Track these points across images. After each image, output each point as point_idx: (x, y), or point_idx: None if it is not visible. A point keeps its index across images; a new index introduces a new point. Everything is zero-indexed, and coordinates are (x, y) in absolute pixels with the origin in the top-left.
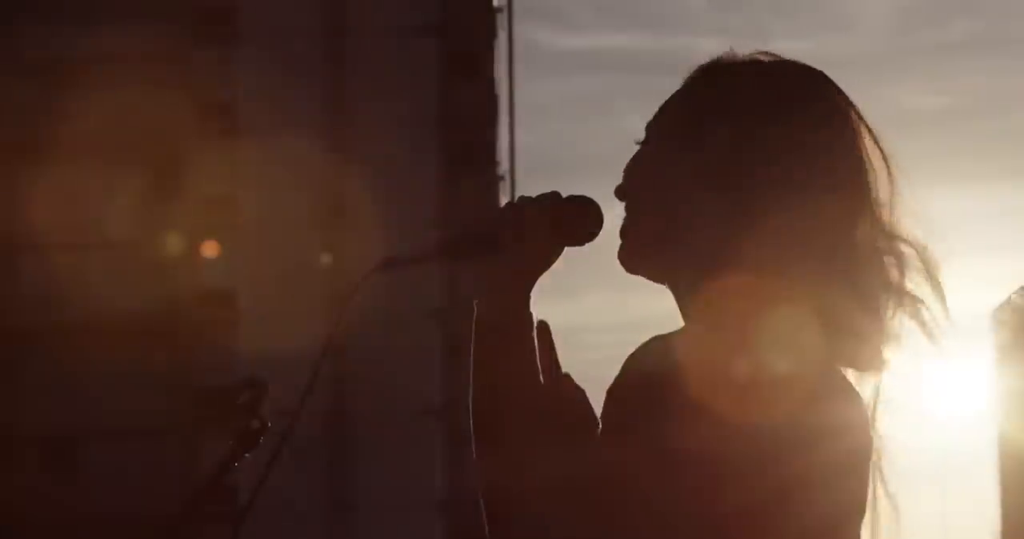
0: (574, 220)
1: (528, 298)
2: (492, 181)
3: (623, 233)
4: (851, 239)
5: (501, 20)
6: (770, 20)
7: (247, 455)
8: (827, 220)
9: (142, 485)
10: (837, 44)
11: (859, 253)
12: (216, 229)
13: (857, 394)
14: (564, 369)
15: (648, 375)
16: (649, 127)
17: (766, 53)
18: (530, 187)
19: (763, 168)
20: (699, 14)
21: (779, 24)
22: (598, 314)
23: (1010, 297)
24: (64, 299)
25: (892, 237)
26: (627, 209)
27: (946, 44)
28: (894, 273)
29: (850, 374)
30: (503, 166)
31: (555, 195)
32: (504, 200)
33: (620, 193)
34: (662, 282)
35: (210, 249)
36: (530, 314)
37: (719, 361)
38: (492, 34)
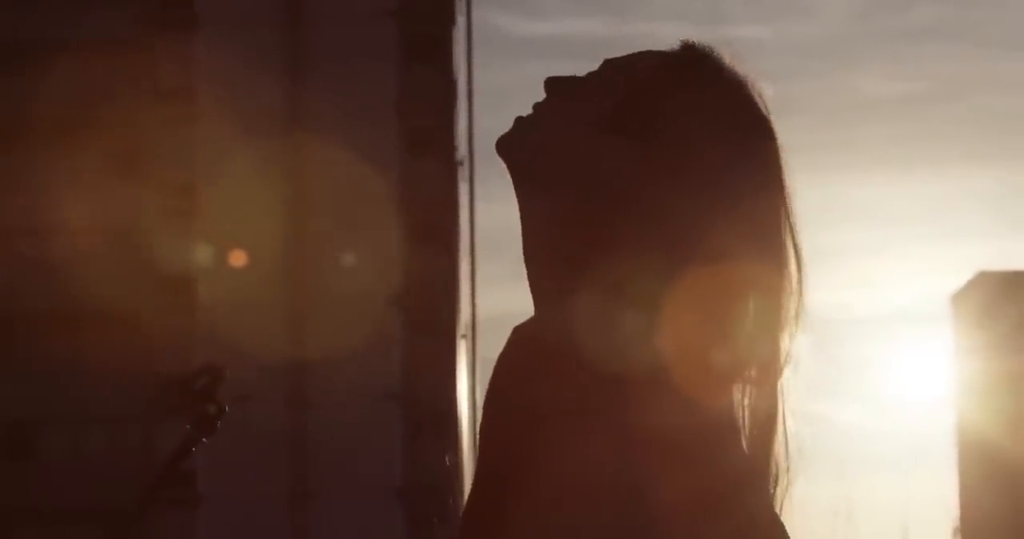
0: None
1: None
2: (451, 166)
3: (525, 124)
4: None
5: (460, 5)
6: (731, 5)
7: (204, 440)
8: (770, 210)
9: (100, 471)
10: (798, 30)
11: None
12: (175, 215)
13: None
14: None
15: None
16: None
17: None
18: (488, 172)
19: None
20: (661, 0)
21: (740, 9)
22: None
23: (969, 282)
24: (21, 285)
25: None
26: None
27: (907, 30)
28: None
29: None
30: (461, 151)
31: None
32: (463, 185)
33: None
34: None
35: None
36: None
37: (701, 350)
38: (451, 19)
